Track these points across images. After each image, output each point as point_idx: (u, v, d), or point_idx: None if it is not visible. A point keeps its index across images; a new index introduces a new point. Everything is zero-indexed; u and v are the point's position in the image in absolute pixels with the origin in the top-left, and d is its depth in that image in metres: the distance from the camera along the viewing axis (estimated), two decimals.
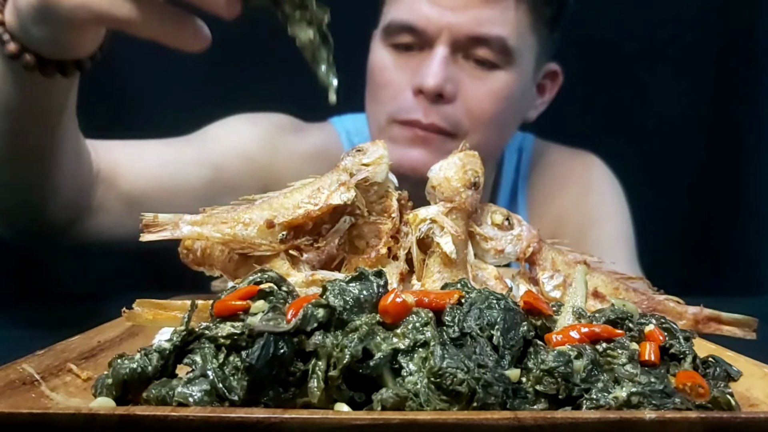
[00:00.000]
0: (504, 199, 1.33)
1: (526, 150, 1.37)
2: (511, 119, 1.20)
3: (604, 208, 1.34)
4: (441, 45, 1.08)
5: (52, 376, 0.50)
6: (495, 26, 1.09)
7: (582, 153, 1.39)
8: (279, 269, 0.64)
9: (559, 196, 1.33)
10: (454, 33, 1.08)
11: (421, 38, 1.10)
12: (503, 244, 0.70)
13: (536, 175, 1.35)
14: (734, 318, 0.69)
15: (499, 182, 1.34)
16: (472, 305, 0.49)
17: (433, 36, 1.08)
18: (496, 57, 1.10)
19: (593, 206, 1.32)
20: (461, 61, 1.11)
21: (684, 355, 0.51)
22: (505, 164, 1.34)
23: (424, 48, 1.10)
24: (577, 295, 0.63)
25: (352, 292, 0.48)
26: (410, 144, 1.11)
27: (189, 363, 0.45)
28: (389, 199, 0.68)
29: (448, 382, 0.42)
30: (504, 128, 1.20)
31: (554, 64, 1.26)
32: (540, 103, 1.29)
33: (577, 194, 1.33)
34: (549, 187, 1.34)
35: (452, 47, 1.09)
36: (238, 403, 0.43)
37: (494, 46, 1.10)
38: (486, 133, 1.14)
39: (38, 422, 0.39)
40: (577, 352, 0.47)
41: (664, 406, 0.43)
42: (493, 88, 1.12)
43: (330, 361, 0.44)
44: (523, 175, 1.35)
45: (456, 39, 1.08)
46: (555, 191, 1.34)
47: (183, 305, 0.60)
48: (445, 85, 1.07)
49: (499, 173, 1.34)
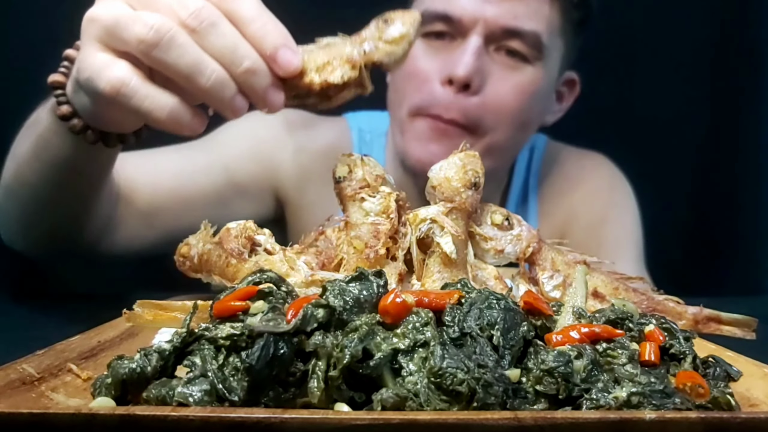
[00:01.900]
0: (515, 198, 1.33)
1: (538, 149, 1.37)
2: (532, 118, 1.20)
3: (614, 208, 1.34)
4: (475, 35, 1.08)
5: (52, 376, 0.50)
6: (530, 21, 1.09)
7: (593, 154, 1.39)
8: (278, 270, 0.64)
9: (569, 196, 1.33)
10: (490, 24, 1.08)
11: (455, 28, 1.10)
12: (503, 244, 0.70)
13: (547, 175, 1.35)
14: (734, 318, 0.69)
15: (510, 181, 1.34)
16: (472, 305, 0.49)
17: (467, 26, 1.08)
18: (529, 51, 1.11)
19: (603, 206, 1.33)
20: (492, 53, 1.11)
21: (684, 355, 0.51)
22: (517, 163, 1.34)
23: (456, 37, 1.10)
24: (577, 295, 0.63)
25: (352, 293, 0.48)
26: (431, 139, 1.12)
27: (189, 365, 0.45)
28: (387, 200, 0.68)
29: (448, 382, 0.42)
30: (525, 127, 1.20)
31: (573, 73, 1.27)
32: (557, 110, 1.29)
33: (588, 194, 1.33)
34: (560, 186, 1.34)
35: (486, 39, 1.09)
36: (238, 404, 0.43)
37: (528, 40, 1.10)
38: (506, 130, 1.14)
39: (38, 422, 0.39)
40: (577, 352, 0.47)
41: (664, 406, 0.43)
42: (519, 82, 1.12)
43: (330, 361, 0.44)
44: (535, 174, 1.35)
45: (491, 30, 1.08)
46: (566, 191, 1.34)
47: (183, 306, 0.61)
48: (474, 76, 1.07)
49: (511, 172, 1.34)
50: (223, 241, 0.70)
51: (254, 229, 0.71)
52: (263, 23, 0.66)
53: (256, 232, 0.71)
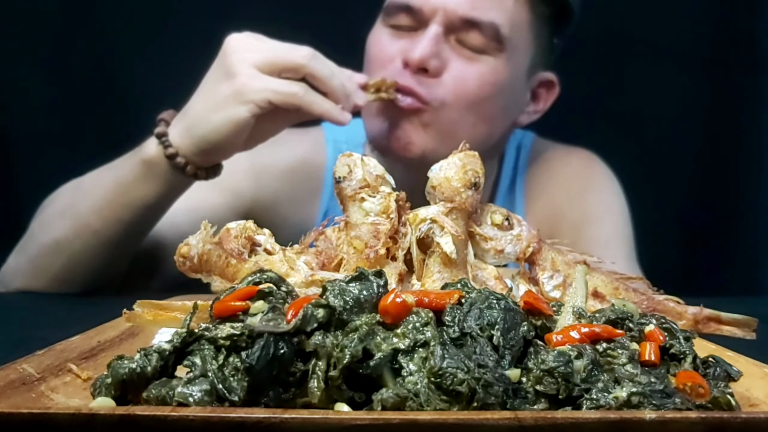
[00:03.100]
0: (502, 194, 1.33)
1: (524, 147, 1.37)
2: (497, 110, 1.19)
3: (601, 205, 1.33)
4: (434, 24, 1.11)
5: (52, 376, 0.50)
6: (490, 12, 1.11)
7: (580, 150, 1.39)
8: (278, 270, 0.64)
9: (556, 193, 1.33)
10: (449, 14, 1.10)
11: (416, 18, 1.12)
12: (503, 244, 0.70)
13: (534, 171, 1.35)
14: (734, 318, 0.69)
15: (498, 178, 1.34)
16: (472, 305, 0.49)
17: (428, 16, 1.11)
18: (488, 44, 1.12)
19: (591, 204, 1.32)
20: (453, 43, 1.12)
21: (684, 355, 0.51)
22: (504, 160, 1.35)
23: (419, 28, 1.13)
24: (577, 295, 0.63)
25: (352, 292, 0.48)
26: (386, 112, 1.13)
27: (189, 365, 0.45)
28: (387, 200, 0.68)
29: (448, 382, 0.42)
30: (490, 119, 1.19)
31: (551, 74, 1.26)
32: (533, 111, 1.28)
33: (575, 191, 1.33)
34: (546, 183, 1.34)
35: (446, 28, 1.11)
36: (238, 404, 0.43)
37: (487, 31, 1.11)
38: (465, 113, 1.14)
39: (38, 422, 0.39)
40: (577, 352, 0.46)
41: (664, 406, 0.43)
42: (480, 71, 1.13)
43: (330, 361, 0.44)
44: (521, 171, 1.35)
45: (449, 20, 1.10)
46: (552, 187, 1.33)
47: (182, 306, 0.61)
48: (430, 59, 1.10)
49: (498, 170, 1.34)
50: (223, 242, 0.70)
51: (254, 229, 0.71)
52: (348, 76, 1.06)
53: (256, 232, 0.71)
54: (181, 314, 0.59)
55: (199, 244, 0.71)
